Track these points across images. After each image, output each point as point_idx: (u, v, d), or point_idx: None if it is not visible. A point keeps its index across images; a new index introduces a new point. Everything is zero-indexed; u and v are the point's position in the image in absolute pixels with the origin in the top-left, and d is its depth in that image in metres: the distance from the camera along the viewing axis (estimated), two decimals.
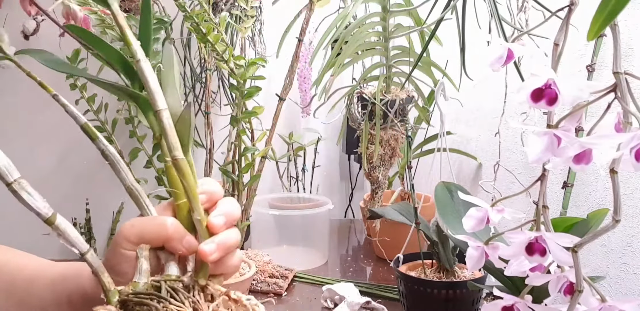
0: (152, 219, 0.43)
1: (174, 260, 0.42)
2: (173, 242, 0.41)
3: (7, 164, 0.35)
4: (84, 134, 0.41)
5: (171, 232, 0.41)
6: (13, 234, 1.53)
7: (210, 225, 0.42)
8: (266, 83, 1.16)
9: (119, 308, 0.37)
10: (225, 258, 0.42)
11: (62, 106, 0.42)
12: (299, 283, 1.14)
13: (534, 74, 0.42)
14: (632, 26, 0.76)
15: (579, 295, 0.43)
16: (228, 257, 0.42)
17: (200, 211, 0.42)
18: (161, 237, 0.41)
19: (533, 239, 0.46)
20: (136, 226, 0.42)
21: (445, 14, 0.75)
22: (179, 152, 0.41)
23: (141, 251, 0.41)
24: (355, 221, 1.70)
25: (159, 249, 0.42)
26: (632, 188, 0.76)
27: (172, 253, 0.42)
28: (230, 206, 0.44)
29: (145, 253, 0.41)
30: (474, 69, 0.86)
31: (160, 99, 0.41)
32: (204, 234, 0.41)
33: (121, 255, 0.41)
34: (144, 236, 0.41)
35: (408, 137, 1.02)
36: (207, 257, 0.40)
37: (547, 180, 0.47)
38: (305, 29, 1.11)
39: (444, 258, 0.91)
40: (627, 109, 0.40)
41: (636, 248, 0.76)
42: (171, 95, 0.43)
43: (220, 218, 0.42)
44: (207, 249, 0.40)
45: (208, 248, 0.40)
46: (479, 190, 1.15)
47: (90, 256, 0.38)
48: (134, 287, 0.38)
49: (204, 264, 0.41)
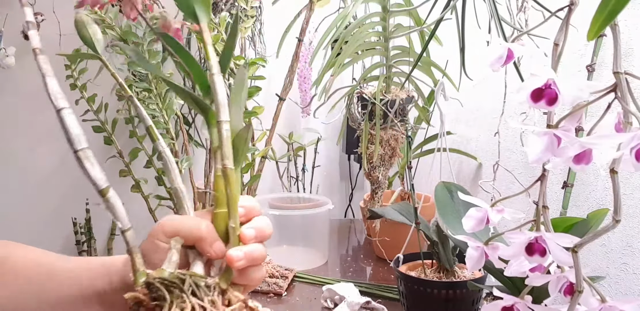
0: (190, 218, 0.46)
1: (201, 261, 0.44)
2: (204, 243, 0.44)
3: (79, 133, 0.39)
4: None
5: (204, 233, 0.44)
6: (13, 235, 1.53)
7: (242, 235, 0.44)
8: (266, 83, 1.16)
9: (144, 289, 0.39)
10: (250, 270, 0.44)
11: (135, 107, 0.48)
12: (299, 283, 1.14)
13: (534, 74, 0.42)
14: (632, 26, 0.76)
15: (579, 295, 0.43)
16: (253, 269, 0.44)
17: (237, 220, 0.44)
18: (194, 235, 0.44)
19: (533, 240, 0.46)
20: (174, 221, 0.45)
21: (445, 14, 0.75)
22: (230, 162, 0.43)
23: (175, 243, 0.43)
24: (355, 221, 1.70)
25: (190, 248, 0.45)
26: (632, 187, 0.76)
27: (200, 254, 0.44)
28: (264, 224, 0.46)
29: (178, 246, 0.43)
30: (473, 69, 0.86)
31: (224, 112, 0.44)
32: (235, 242, 0.44)
33: (155, 245, 0.44)
34: (179, 231, 0.44)
35: (408, 137, 1.02)
36: (234, 262, 0.42)
37: (547, 180, 0.47)
38: (305, 29, 1.11)
39: (444, 258, 0.91)
40: (628, 109, 0.40)
41: (636, 248, 0.76)
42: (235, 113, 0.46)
43: (252, 230, 0.45)
44: (234, 255, 0.42)
45: (236, 254, 0.42)
46: (479, 190, 1.15)
47: (130, 233, 0.41)
48: (161, 274, 0.40)
49: (229, 269, 0.43)
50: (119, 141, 1.26)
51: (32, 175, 1.50)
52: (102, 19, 1.08)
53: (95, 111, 1.22)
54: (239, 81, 0.50)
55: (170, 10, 1.35)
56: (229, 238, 0.44)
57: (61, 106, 0.40)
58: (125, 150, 1.26)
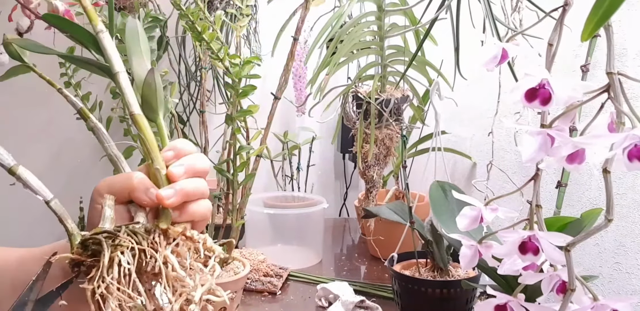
0: (121, 174, 0.46)
1: (143, 212, 0.44)
2: (137, 192, 0.43)
3: None
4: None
5: (136, 183, 0.43)
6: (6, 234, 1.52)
7: (169, 173, 0.44)
8: (261, 82, 1.15)
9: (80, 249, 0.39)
10: (188, 205, 0.43)
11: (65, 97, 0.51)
12: (294, 281, 1.14)
13: (528, 74, 0.42)
14: (626, 27, 0.77)
15: (572, 294, 0.43)
16: (191, 204, 0.44)
17: (160, 161, 0.44)
18: (127, 188, 0.44)
19: (526, 239, 0.47)
20: (107, 181, 0.45)
21: (440, 14, 0.75)
22: (136, 108, 0.44)
23: (106, 200, 0.43)
24: (349, 220, 1.70)
25: (130, 203, 0.45)
26: (625, 187, 0.76)
27: (141, 207, 0.44)
28: (193, 159, 0.46)
29: (109, 203, 0.43)
30: (468, 69, 0.86)
31: (117, 63, 0.46)
32: (164, 183, 0.44)
33: (96, 210, 0.44)
34: (112, 188, 0.44)
35: (403, 136, 1.02)
36: (164, 200, 0.42)
37: (541, 179, 0.47)
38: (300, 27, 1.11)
39: (438, 257, 0.91)
40: (620, 109, 0.40)
41: (629, 248, 0.76)
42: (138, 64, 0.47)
43: (180, 167, 0.44)
44: (163, 193, 0.42)
45: (165, 192, 0.42)
46: (473, 189, 1.15)
47: (54, 203, 0.42)
48: (96, 231, 0.40)
49: (166, 210, 0.43)
50: (113, 139, 1.26)
51: None
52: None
53: (90, 109, 1.22)
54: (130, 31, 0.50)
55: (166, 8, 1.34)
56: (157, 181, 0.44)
57: None
58: (120, 148, 1.26)
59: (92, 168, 1.44)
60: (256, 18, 1.46)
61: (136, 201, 0.44)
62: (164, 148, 0.46)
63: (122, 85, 0.44)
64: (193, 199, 0.44)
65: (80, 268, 0.39)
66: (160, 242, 0.40)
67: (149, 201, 0.43)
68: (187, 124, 1.52)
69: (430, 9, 0.81)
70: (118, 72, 0.45)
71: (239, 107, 1.09)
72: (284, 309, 1.02)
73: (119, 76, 0.45)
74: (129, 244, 0.38)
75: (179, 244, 0.41)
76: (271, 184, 1.64)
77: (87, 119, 0.50)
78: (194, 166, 0.45)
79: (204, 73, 1.30)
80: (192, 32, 0.96)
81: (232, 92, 1.07)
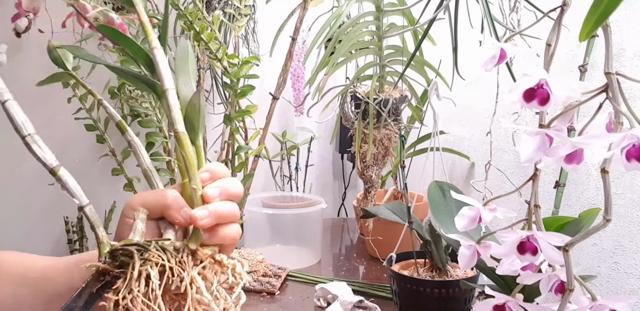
0: (155, 190, 0.47)
1: (172, 229, 0.44)
2: (170, 210, 0.44)
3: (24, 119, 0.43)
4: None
5: (170, 200, 0.44)
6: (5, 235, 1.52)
7: (204, 195, 0.44)
8: (259, 82, 1.15)
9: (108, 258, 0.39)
10: (219, 228, 0.43)
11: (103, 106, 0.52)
12: (292, 282, 1.14)
13: (526, 74, 0.42)
14: (624, 27, 0.77)
15: (570, 294, 0.43)
16: (222, 227, 0.44)
17: (197, 181, 0.44)
18: (160, 205, 0.44)
19: (525, 239, 0.47)
20: (140, 196, 0.45)
21: (438, 14, 0.75)
22: (181, 127, 0.44)
23: (138, 213, 0.43)
24: (348, 220, 1.71)
25: (161, 219, 0.45)
26: (624, 187, 0.76)
27: (171, 224, 0.44)
28: (228, 182, 0.46)
29: (142, 216, 0.43)
30: (466, 69, 0.86)
31: (168, 80, 0.45)
32: (198, 203, 0.44)
33: (126, 224, 0.44)
34: (146, 203, 0.44)
35: (401, 136, 1.02)
36: (197, 221, 0.41)
37: (539, 179, 0.47)
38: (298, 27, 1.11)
39: (436, 257, 0.91)
40: (619, 109, 0.40)
41: (627, 248, 0.76)
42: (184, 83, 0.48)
43: (215, 189, 0.44)
44: (197, 213, 0.42)
45: (199, 213, 0.42)
46: (471, 189, 1.15)
47: (88, 209, 0.42)
48: (126, 242, 0.40)
49: (197, 230, 0.42)
50: (111, 139, 1.26)
51: (23, 174, 1.49)
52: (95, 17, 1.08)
53: (88, 109, 1.21)
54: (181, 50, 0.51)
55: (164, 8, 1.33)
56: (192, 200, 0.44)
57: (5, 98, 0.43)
58: (118, 148, 1.26)
59: (90, 168, 1.43)
60: (254, 18, 1.46)
61: (168, 219, 0.44)
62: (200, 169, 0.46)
63: (170, 102, 0.45)
64: (225, 222, 0.44)
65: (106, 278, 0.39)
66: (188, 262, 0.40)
67: (181, 220, 0.44)
68: None
69: (428, 9, 0.81)
70: (168, 89, 0.45)
71: (238, 107, 1.09)
72: (282, 309, 1.02)
73: (168, 93, 0.45)
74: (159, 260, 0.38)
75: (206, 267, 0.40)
76: (269, 184, 1.64)
77: (125, 133, 0.51)
78: (229, 189, 0.45)
79: (202, 73, 1.30)
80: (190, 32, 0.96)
81: (230, 92, 1.07)
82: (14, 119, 0.42)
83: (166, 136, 1.16)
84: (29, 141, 0.42)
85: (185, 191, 0.45)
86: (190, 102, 0.46)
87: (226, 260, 0.41)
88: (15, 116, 0.42)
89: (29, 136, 0.42)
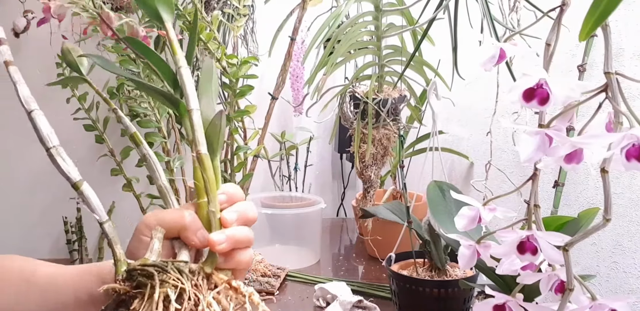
0: (173, 209, 0.47)
1: (187, 250, 0.44)
2: (187, 232, 0.44)
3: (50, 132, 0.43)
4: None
5: (187, 222, 0.44)
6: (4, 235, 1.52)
7: (222, 219, 0.44)
8: (258, 82, 1.15)
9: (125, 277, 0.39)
10: (235, 253, 0.43)
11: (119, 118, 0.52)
12: (291, 282, 1.14)
13: (526, 74, 0.42)
14: (623, 27, 0.77)
15: (570, 294, 0.43)
16: (238, 252, 0.44)
17: (216, 203, 0.44)
18: (177, 225, 0.44)
19: (524, 238, 0.47)
20: (157, 214, 0.45)
21: (438, 14, 0.75)
22: (203, 148, 0.44)
23: (156, 232, 0.44)
24: (347, 220, 1.71)
25: (175, 239, 0.45)
26: (623, 187, 0.76)
27: (186, 245, 0.44)
28: (246, 207, 0.46)
29: (159, 235, 0.43)
30: (466, 69, 0.86)
31: (194, 100, 0.45)
32: (216, 226, 0.44)
33: (140, 242, 0.44)
34: (162, 222, 0.44)
35: (400, 136, 1.02)
36: (215, 245, 0.42)
37: (539, 179, 0.47)
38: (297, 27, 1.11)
39: (435, 256, 0.91)
40: (618, 109, 0.40)
41: (626, 247, 0.76)
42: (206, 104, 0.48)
43: (233, 214, 0.44)
44: (216, 238, 0.42)
45: (217, 237, 0.42)
46: (471, 189, 1.15)
47: (107, 226, 0.42)
48: (143, 262, 0.40)
49: (213, 254, 0.42)
50: (110, 139, 1.26)
51: (22, 174, 1.49)
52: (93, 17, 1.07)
53: (87, 109, 1.21)
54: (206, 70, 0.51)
55: None
56: (210, 223, 0.44)
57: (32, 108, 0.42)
58: (117, 149, 1.26)
59: (89, 168, 1.43)
60: (253, 18, 1.46)
61: (184, 240, 0.44)
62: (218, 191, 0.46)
63: (194, 122, 0.45)
64: (241, 247, 0.44)
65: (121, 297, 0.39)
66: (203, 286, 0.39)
67: (197, 242, 0.44)
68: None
69: (427, 9, 0.81)
70: (193, 109, 0.45)
71: (237, 107, 1.09)
72: (281, 309, 1.02)
73: (192, 113, 0.45)
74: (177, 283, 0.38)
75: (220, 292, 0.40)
76: (269, 185, 1.64)
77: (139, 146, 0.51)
78: (247, 215, 0.45)
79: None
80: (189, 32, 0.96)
81: (229, 92, 1.07)
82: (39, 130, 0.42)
83: (165, 136, 1.15)
84: (53, 153, 0.42)
85: (201, 212, 0.45)
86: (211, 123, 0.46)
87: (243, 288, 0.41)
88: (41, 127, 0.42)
89: (54, 148, 0.42)
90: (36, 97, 0.42)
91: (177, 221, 0.44)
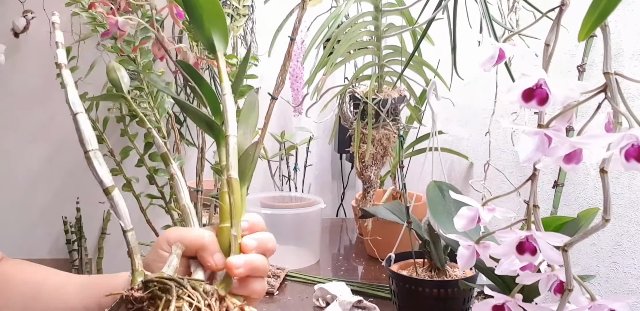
0: (194, 228, 0.47)
1: (202, 270, 0.45)
2: (205, 252, 0.44)
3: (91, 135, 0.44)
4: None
5: (207, 242, 0.44)
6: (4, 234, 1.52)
7: (243, 245, 0.45)
8: (258, 82, 1.15)
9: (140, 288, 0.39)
10: (251, 280, 0.44)
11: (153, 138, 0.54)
12: (291, 282, 1.14)
13: (525, 74, 0.42)
14: (622, 27, 0.77)
15: (569, 294, 0.43)
16: (253, 281, 0.44)
17: (239, 228, 0.45)
18: (197, 244, 0.44)
19: (524, 239, 0.47)
20: (179, 231, 0.46)
21: (437, 14, 0.75)
22: (235, 173, 0.46)
23: (175, 248, 0.44)
24: (347, 220, 1.71)
25: (192, 258, 0.45)
26: (622, 187, 0.76)
27: (202, 265, 0.45)
28: (266, 237, 0.47)
29: (178, 252, 0.44)
30: (465, 69, 0.86)
31: (233, 127, 0.47)
32: (236, 250, 0.44)
33: (159, 255, 0.45)
34: (183, 240, 0.45)
35: (400, 136, 1.02)
36: (233, 269, 0.42)
37: (538, 179, 0.47)
38: (297, 27, 1.11)
39: (435, 257, 0.91)
40: (617, 109, 0.40)
41: (626, 247, 0.76)
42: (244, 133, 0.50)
43: (254, 241, 0.45)
44: (234, 261, 0.42)
45: (235, 261, 0.42)
46: (470, 189, 1.15)
47: (130, 235, 0.43)
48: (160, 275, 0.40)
49: (229, 277, 0.43)
50: (110, 139, 1.26)
51: (22, 174, 1.49)
52: (93, 17, 1.08)
53: (87, 109, 1.21)
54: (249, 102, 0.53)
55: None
56: (230, 246, 0.44)
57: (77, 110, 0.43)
58: (116, 149, 1.26)
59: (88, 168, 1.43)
60: (253, 18, 1.46)
61: (200, 260, 0.45)
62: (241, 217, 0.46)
63: (230, 147, 0.46)
64: (256, 275, 0.44)
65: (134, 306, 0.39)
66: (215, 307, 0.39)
67: (212, 263, 0.44)
68: (183, 124, 1.52)
69: (427, 9, 0.81)
70: (231, 135, 0.47)
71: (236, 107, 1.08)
72: (281, 309, 1.02)
73: (230, 139, 0.47)
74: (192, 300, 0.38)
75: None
76: (268, 185, 1.64)
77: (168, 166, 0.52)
78: (267, 244, 0.46)
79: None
80: (188, 32, 0.96)
81: None
82: (82, 133, 0.43)
83: (164, 136, 1.15)
84: (90, 156, 0.43)
85: (222, 236, 0.46)
86: (246, 152, 0.48)
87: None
88: (84, 130, 0.43)
89: (92, 151, 0.43)
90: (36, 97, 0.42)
91: (197, 240, 0.44)
